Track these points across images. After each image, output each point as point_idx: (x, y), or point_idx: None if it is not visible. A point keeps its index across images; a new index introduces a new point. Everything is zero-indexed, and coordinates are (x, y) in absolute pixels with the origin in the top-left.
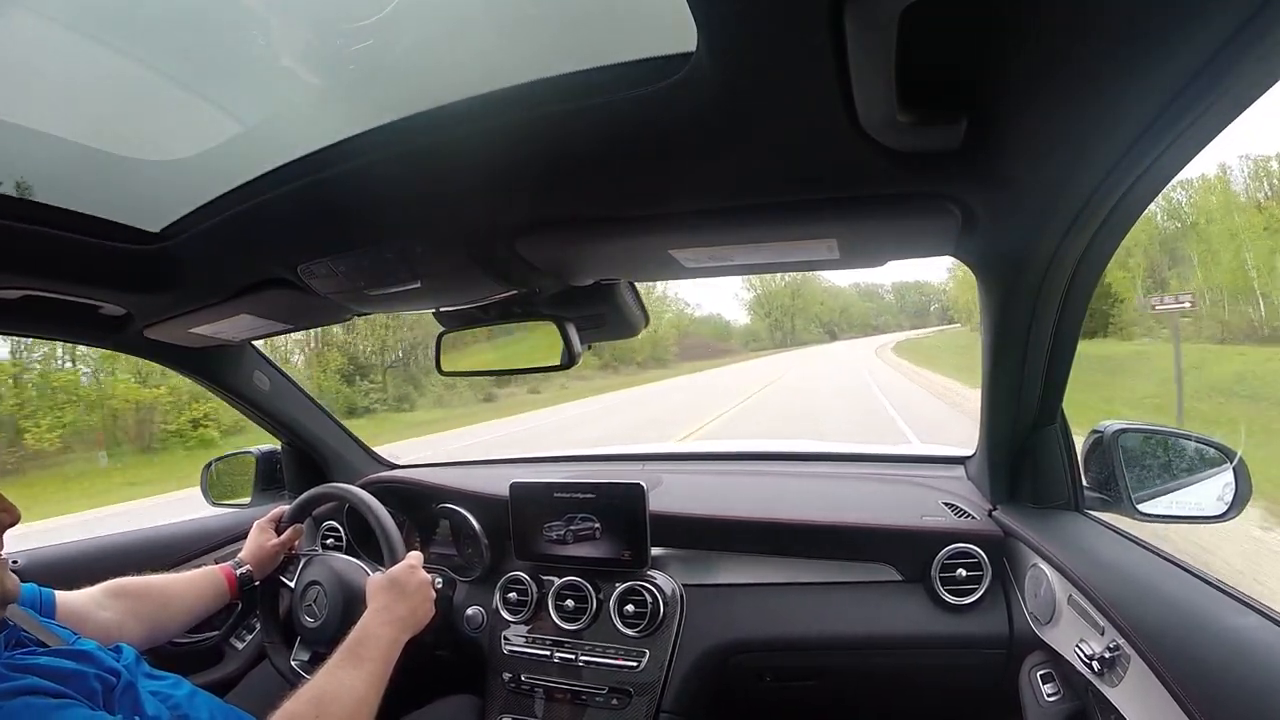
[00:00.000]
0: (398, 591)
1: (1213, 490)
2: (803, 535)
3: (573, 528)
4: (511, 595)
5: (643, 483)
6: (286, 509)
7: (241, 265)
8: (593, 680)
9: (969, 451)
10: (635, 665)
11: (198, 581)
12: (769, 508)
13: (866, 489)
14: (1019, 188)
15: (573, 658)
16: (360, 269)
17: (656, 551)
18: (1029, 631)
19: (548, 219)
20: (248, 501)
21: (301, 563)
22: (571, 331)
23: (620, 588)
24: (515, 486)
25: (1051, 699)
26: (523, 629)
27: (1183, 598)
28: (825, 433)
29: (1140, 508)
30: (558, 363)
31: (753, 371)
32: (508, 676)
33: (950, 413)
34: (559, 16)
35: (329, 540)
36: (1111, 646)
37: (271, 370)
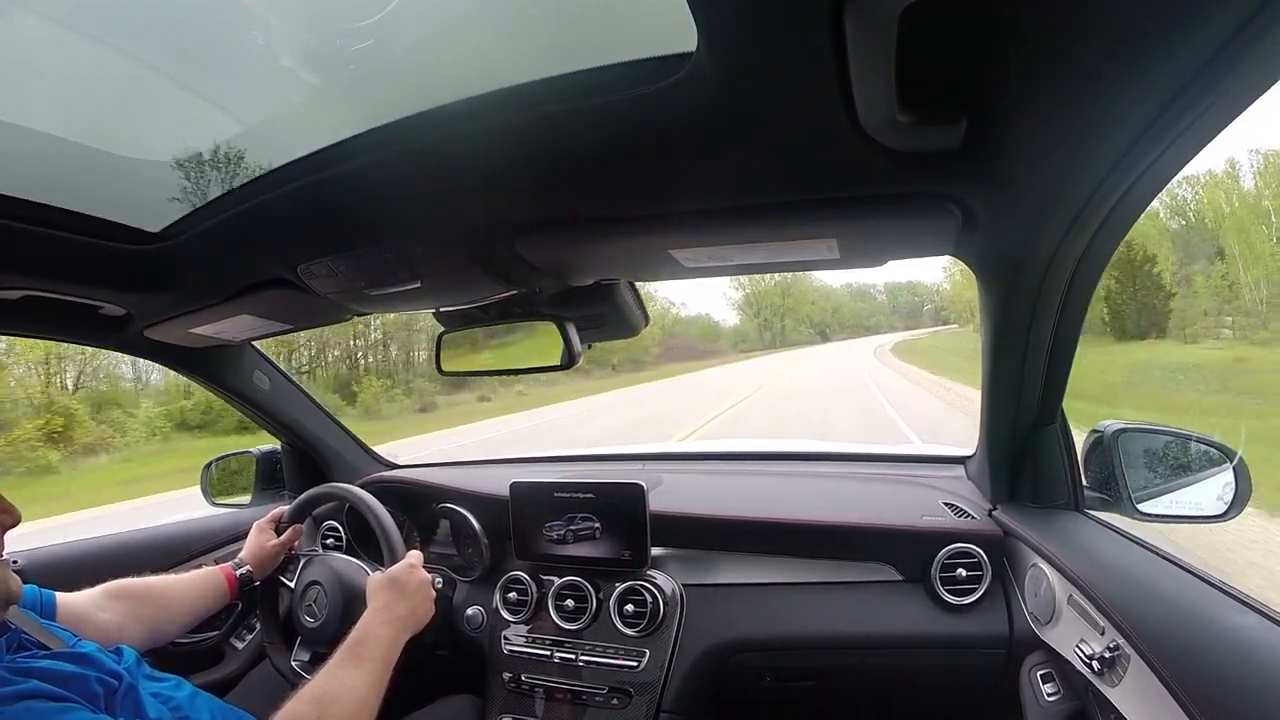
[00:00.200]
0: (398, 591)
1: (1213, 490)
2: (803, 535)
3: (573, 528)
4: (511, 595)
5: (643, 483)
6: (286, 509)
7: (241, 265)
8: (593, 680)
9: (969, 451)
10: (635, 665)
11: (198, 582)
12: (769, 507)
13: (866, 489)
14: (1019, 188)
15: (573, 657)
16: (360, 269)
17: (656, 551)
18: (1029, 631)
19: (548, 219)
20: (247, 501)
21: (301, 563)
22: (571, 331)
23: (620, 587)
24: (515, 486)
25: (1051, 699)
26: (523, 629)
27: (1183, 598)
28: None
29: (1140, 507)
30: (558, 363)
31: (735, 376)
32: (508, 676)
33: None
34: (559, 16)
35: (329, 540)
36: (1111, 646)
37: (271, 370)
